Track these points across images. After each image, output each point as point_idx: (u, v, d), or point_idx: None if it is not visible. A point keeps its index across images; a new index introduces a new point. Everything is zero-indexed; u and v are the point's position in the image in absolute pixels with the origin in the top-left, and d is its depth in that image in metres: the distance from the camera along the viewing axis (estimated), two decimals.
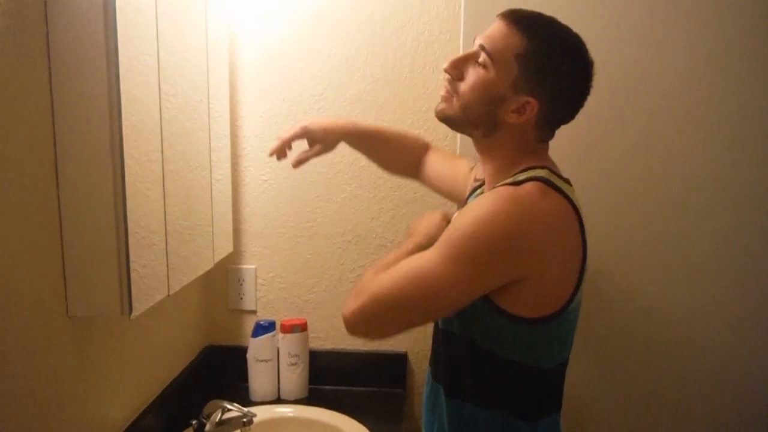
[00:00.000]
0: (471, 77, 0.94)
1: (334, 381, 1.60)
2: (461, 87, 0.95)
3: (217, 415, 1.25)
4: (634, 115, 1.38)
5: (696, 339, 1.44)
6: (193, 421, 1.26)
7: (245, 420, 1.26)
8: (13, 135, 0.83)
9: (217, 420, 1.24)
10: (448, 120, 1.00)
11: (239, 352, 1.55)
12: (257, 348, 1.51)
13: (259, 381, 1.52)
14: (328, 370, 1.59)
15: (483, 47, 0.92)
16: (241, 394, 1.52)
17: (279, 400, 1.53)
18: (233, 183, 1.54)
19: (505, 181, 0.94)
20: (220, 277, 1.60)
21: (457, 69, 0.96)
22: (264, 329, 1.51)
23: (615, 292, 1.44)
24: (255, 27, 1.51)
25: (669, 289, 1.43)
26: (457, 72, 0.96)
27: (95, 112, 0.90)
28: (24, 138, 0.85)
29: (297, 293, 1.61)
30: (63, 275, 0.94)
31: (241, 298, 1.62)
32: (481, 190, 1.06)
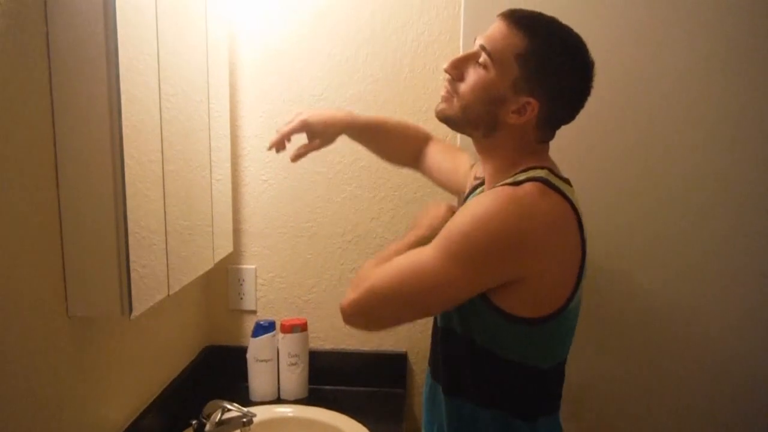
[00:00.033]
0: (471, 77, 0.94)
1: (334, 381, 1.59)
2: (461, 87, 0.95)
3: (217, 415, 1.25)
4: (634, 115, 1.38)
5: (696, 339, 1.44)
6: (193, 421, 1.26)
7: (245, 420, 1.26)
8: (13, 135, 0.83)
9: (217, 420, 1.24)
10: (448, 120, 1.00)
11: (239, 352, 1.55)
12: (257, 348, 1.51)
13: (259, 381, 1.52)
14: (328, 370, 1.59)
15: (483, 47, 0.92)
16: (241, 394, 1.52)
17: (279, 400, 1.53)
18: (233, 183, 1.54)
19: (505, 181, 0.94)
20: (220, 277, 1.60)
21: (458, 69, 0.96)
22: (264, 329, 1.51)
23: (615, 291, 1.44)
24: (255, 27, 1.51)
25: (669, 289, 1.43)
26: (458, 72, 0.96)
27: (95, 112, 0.90)
28: (24, 138, 0.85)
29: (297, 293, 1.61)
30: (63, 275, 0.94)
31: (241, 298, 1.62)
32: (482, 189, 1.06)
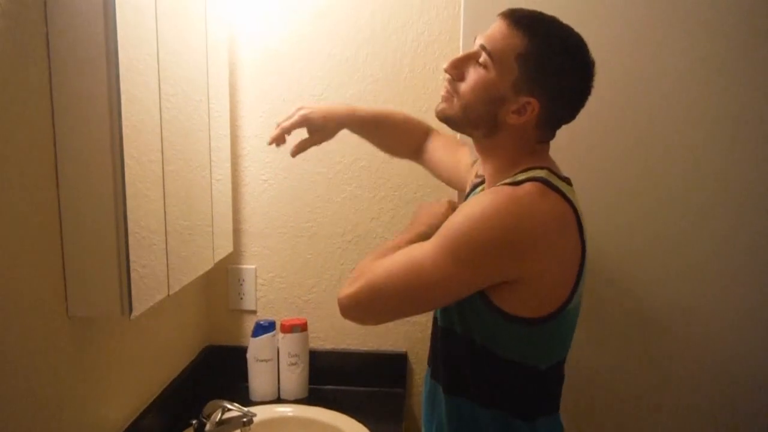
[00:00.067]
0: (471, 77, 0.94)
1: (334, 381, 1.59)
2: (462, 87, 0.95)
3: (218, 415, 1.25)
4: (634, 115, 1.38)
5: (696, 339, 1.44)
6: (194, 421, 1.26)
7: (245, 420, 1.26)
8: (13, 135, 0.83)
9: (217, 420, 1.24)
10: (448, 120, 1.00)
11: (239, 352, 1.55)
12: (257, 348, 1.51)
13: (259, 381, 1.52)
14: (328, 370, 1.59)
15: (483, 47, 0.92)
16: (241, 394, 1.52)
17: (279, 399, 1.53)
18: (233, 183, 1.54)
19: (505, 181, 0.94)
20: (220, 277, 1.60)
21: (458, 69, 0.96)
22: (264, 329, 1.51)
23: (615, 291, 1.44)
24: (255, 28, 1.51)
25: (669, 289, 1.43)
26: (458, 72, 0.96)
27: (95, 112, 0.90)
28: (24, 138, 0.85)
29: (297, 293, 1.61)
30: (63, 275, 0.94)
31: (241, 298, 1.62)
32: (482, 187, 1.06)
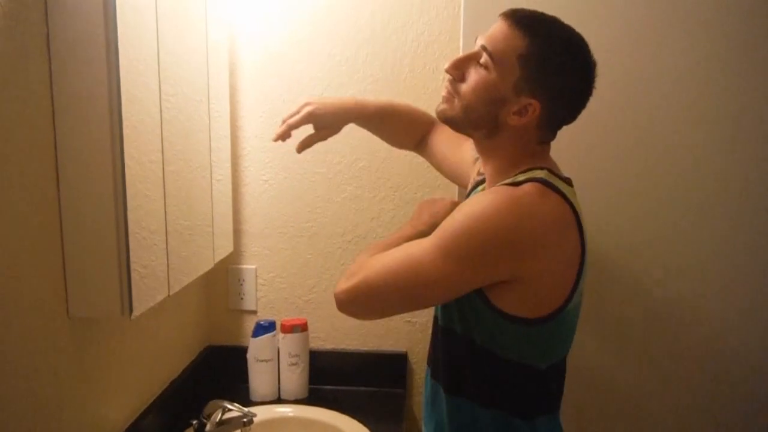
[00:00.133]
0: (472, 78, 0.94)
1: (334, 381, 1.59)
2: (462, 88, 0.95)
3: (218, 415, 1.25)
4: (634, 115, 1.38)
5: (696, 338, 1.44)
6: (194, 421, 1.26)
7: (245, 420, 1.26)
8: (14, 135, 0.83)
9: (218, 420, 1.24)
10: (449, 121, 1.00)
11: (239, 352, 1.55)
12: (257, 348, 1.51)
13: (260, 381, 1.52)
14: (328, 370, 1.59)
15: (485, 48, 0.92)
16: (242, 394, 1.52)
17: (279, 400, 1.53)
18: (233, 183, 1.54)
19: (505, 182, 0.94)
20: (220, 278, 1.60)
21: (459, 70, 0.96)
22: (264, 329, 1.51)
23: (615, 291, 1.44)
24: (255, 29, 1.51)
25: (669, 289, 1.43)
26: (459, 73, 0.96)
27: (95, 112, 0.90)
28: (24, 138, 0.85)
29: (297, 293, 1.61)
30: (63, 276, 0.94)
31: (242, 298, 1.62)
32: (483, 186, 1.06)
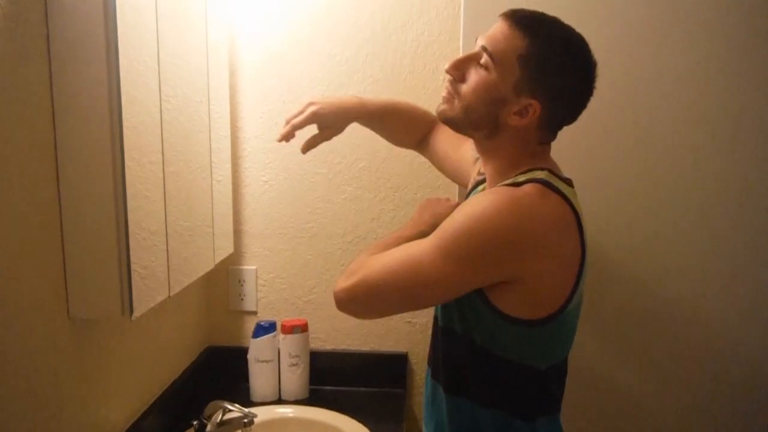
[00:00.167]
0: (473, 79, 0.93)
1: (334, 381, 1.59)
2: (463, 88, 0.95)
3: (218, 416, 1.25)
4: (634, 115, 1.38)
5: (696, 338, 1.44)
6: (194, 422, 1.26)
7: (246, 420, 1.26)
8: (14, 135, 0.83)
9: (218, 421, 1.24)
10: (449, 121, 1.00)
11: (240, 352, 1.55)
12: (258, 349, 1.51)
13: (260, 381, 1.52)
14: (328, 370, 1.59)
15: (485, 48, 0.92)
16: (242, 394, 1.52)
17: (280, 400, 1.53)
18: (234, 184, 1.54)
19: (505, 182, 0.94)
20: (220, 278, 1.60)
21: (459, 70, 0.96)
22: (264, 330, 1.51)
23: (615, 291, 1.44)
24: (255, 29, 1.51)
25: (669, 289, 1.43)
26: (459, 73, 0.96)
27: (95, 113, 0.90)
28: (24, 139, 0.85)
29: (297, 294, 1.61)
30: (64, 276, 0.94)
31: (242, 298, 1.62)
32: (483, 186, 1.06)
